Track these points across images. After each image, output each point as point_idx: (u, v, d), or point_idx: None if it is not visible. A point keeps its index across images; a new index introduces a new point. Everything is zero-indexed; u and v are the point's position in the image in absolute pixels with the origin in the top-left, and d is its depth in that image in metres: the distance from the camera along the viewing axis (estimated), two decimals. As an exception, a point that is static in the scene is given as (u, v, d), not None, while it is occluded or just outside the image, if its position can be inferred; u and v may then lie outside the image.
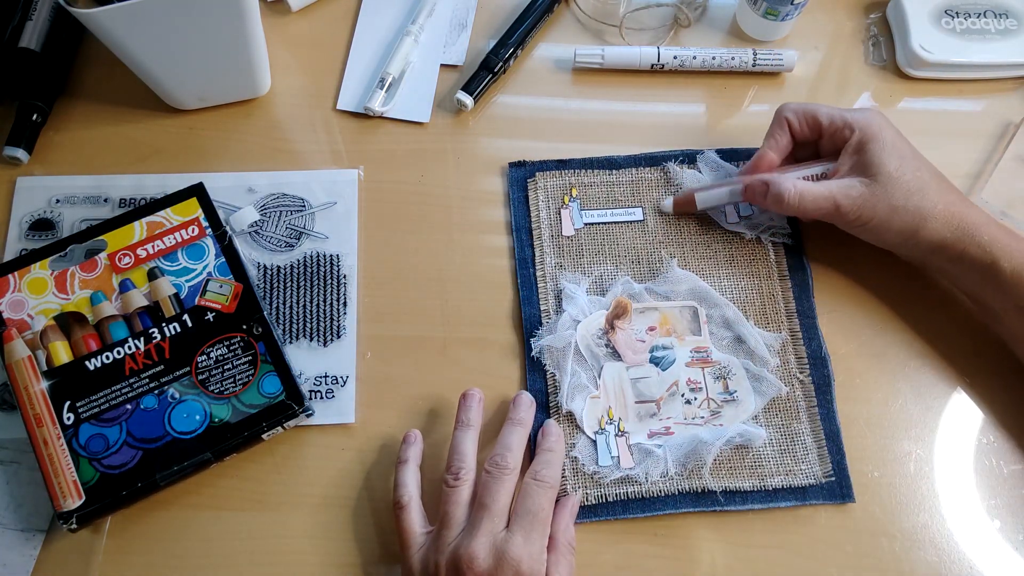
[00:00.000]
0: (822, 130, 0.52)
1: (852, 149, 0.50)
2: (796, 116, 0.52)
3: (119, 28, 0.50)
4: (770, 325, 0.53)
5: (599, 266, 0.55)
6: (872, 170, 0.49)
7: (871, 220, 0.49)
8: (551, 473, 0.46)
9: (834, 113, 0.51)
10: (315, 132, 0.60)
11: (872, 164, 0.49)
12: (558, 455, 0.48)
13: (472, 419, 0.48)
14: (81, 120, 0.60)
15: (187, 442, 0.48)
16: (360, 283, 0.55)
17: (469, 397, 0.49)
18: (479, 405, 0.49)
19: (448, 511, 0.45)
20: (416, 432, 0.50)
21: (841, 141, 0.51)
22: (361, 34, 0.63)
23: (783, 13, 0.60)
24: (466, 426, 0.48)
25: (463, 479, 0.46)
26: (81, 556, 0.48)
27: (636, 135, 0.59)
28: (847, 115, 0.51)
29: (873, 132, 0.49)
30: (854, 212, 0.49)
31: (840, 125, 0.51)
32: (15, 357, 0.49)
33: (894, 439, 0.51)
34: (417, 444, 0.49)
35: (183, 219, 0.54)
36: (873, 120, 0.50)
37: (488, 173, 0.58)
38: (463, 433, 0.48)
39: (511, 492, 0.45)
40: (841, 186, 0.49)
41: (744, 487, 0.49)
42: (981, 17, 0.61)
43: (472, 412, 0.49)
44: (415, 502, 0.47)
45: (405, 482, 0.47)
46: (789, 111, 0.53)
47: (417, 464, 0.49)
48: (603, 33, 0.64)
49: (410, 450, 0.49)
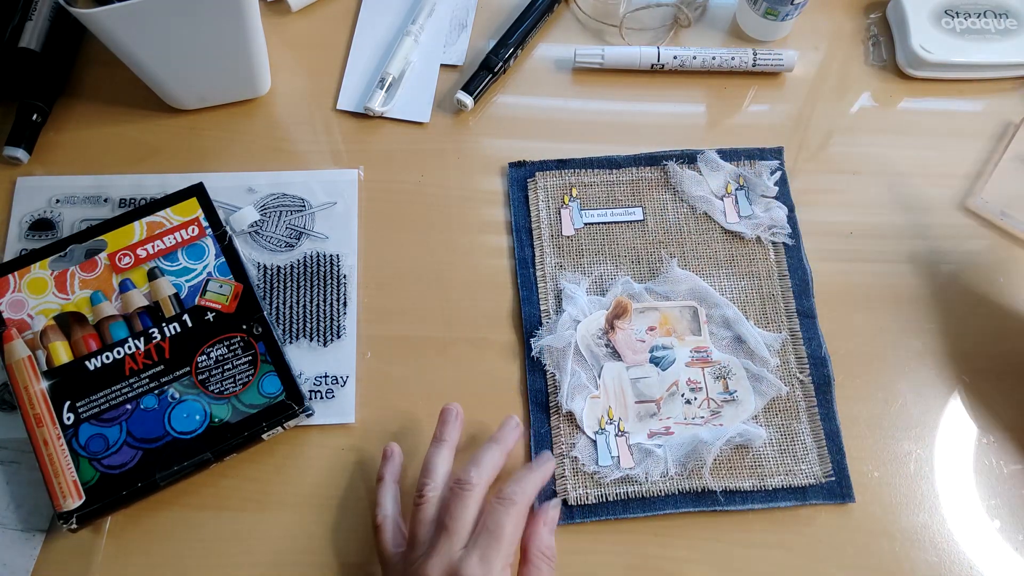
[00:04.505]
0: None
1: None
2: None
3: (119, 28, 0.50)
4: (770, 325, 0.53)
5: (599, 266, 0.55)
6: None
7: None
8: (517, 489, 0.44)
9: None
10: (315, 132, 0.60)
11: None
12: (535, 474, 0.46)
13: (447, 434, 0.47)
14: (81, 120, 0.60)
15: (187, 442, 0.48)
16: (360, 283, 0.55)
17: (446, 412, 0.48)
18: (457, 420, 0.48)
19: (414, 530, 0.43)
20: (394, 446, 0.49)
21: None
22: (361, 34, 0.63)
23: (783, 13, 0.60)
24: (439, 442, 0.47)
25: (428, 497, 0.44)
26: (81, 556, 0.48)
27: (636, 135, 0.59)
28: None
29: None
30: None
31: None
32: (15, 357, 0.49)
33: (894, 439, 0.51)
34: (395, 460, 0.48)
35: (183, 219, 0.54)
36: None
37: (488, 173, 0.58)
38: (435, 449, 0.46)
39: (474, 511, 0.43)
40: None
41: (744, 487, 0.49)
42: (981, 17, 0.61)
43: (448, 427, 0.47)
44: (390, 521, 0.46)
45: (381, 501, 0.46)
46: None
47: (395, 480, 0.48)
48: (603, 33, 0.64)
49: (387, 467, 0.48)
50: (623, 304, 0.53)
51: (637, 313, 0.53)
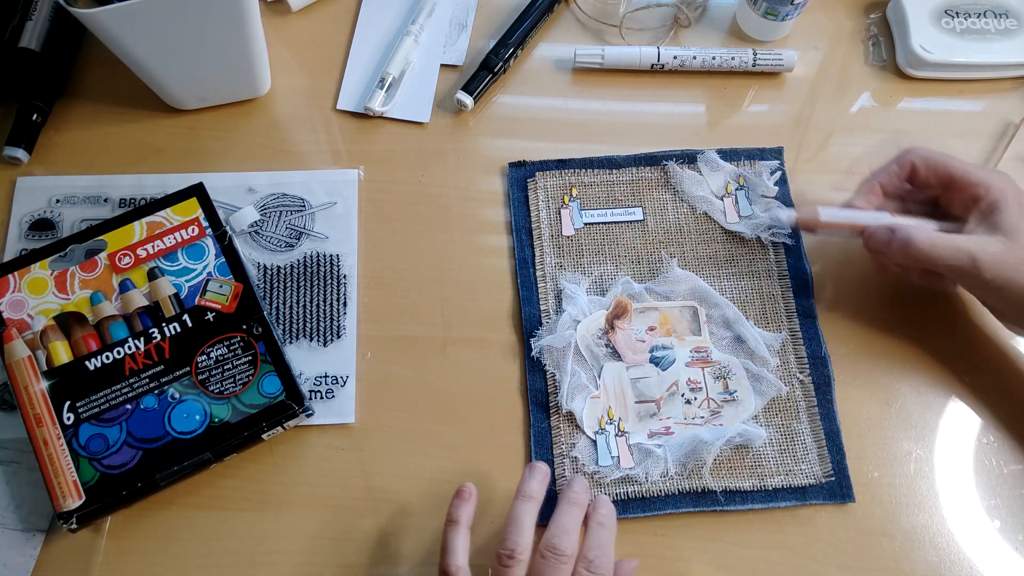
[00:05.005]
0: (951, 183, 0.49)
1: (984, 209, 0.47)
2: (924, 163, 0.50)
3: (119, 28, 0.50)
4: (770, 325, 0.53)
5: (599, 266, 0.55)
6: (1010, 233, 0.46)
7: (1010, 283, 0.46)
8: (601, 556, 0.42)
9: (968, 169, 0.48)
10: (315, 132, 0.60)
11: (1006, 227, 0.46)
12: (610, 531, 0.44)
13: (534, 491, 0.45)
14: (81, 120, 0.60)
15: (187, 442, 0.48)
16: (360, 283, 0.55)
17: (535, 469, 0.46)
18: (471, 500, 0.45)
19: None
20: (471, 488, 0.45)
21: (971, 199, 0.48)
22: (361, 34, 0.63)
23: (783, 13, 0.60)
24: (527, 498, 0.44)
25: (519, 559, 0.42)
26: (81, 556, 0.48)
27: (636, 135, 0.59)
28: (980, 174, 0.48)
29: (1007, 194, 0.47)
30: (991, 270, 0.46)
31: (973, 182, 0.48)
32: (15, 357, 0.49)
33: (894, 439, 0.51)
34: (471, 502, 0.45)
35: (183, 219, 0.54)
36: (1007, 182, 0.48)
37: (488, 173, 0.58)
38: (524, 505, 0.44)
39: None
40: (980, 241, 0.46)
41: (744, 487, 0.49)
42: (981, 17, 0.61)
43: (535, 483, 0.45)
44: (463, 573, 0.42)
45: (454, 548, 0.43)
46: (918, 157, 0.50)
47: (469, 526, 0.44)
48: (603, 33, 0.64)
49: (463, 509, 0.44)
50: (623, 304, 0.53)
51: (637, 313, 0.53)
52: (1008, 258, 0.46)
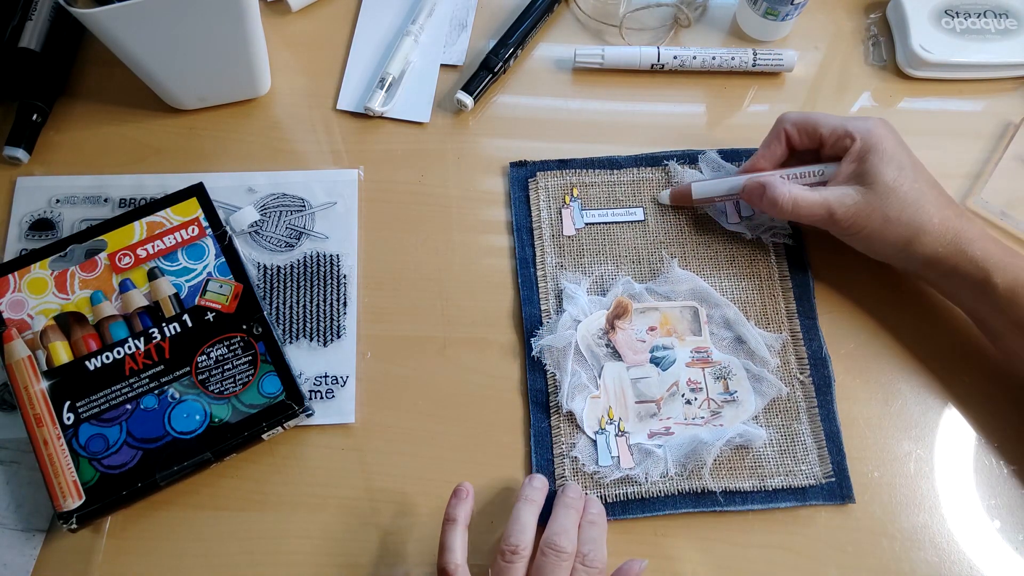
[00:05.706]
0: (823, 140, 0.51)
1: (852, 157, 0.49)
2: (795, 127, 0.52)
3: (119, 28, 0.50)
4: (770, 325, 0.53)
5: (600, 266, 0.55)
6: (869, 179, 0.48)
7: (864, 229, 0.49)
8: (596, 550, 0.44)
9: (835, 123, 0.50)
10: (315, 132, 0.60)
11: (870, 174, 0.48)
12: (600, 528, 0.46)
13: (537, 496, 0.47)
14: (81, 120, 0.60)
15: (187, 442, 0.48)
16: (360, 283, 0.55)
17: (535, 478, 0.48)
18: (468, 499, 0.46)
19: None
20: (468, 487, 0.46)
21: (842, 150, 0.50)
22: (361, 34, 0.63)
23: (783, 13, 0.60)
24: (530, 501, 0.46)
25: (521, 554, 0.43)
26: (81, 556, 0.48)
27: (636, 135, 0.59)
28: (849, 124, 0.50)
29: (874, 142, 0.49)
30: (847, 220, 0.48)
31: (841, 134, 0.50)
32: (15, 357, 0.49)
33: (894, 439, 0.51)
34: (468, 501, 0.46)
35: (183, 219, 0.54)
36: (875, 129, 0.49)
37: (488, 173, 0.58)
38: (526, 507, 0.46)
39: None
40: (836, 194, 0.49)
41: (744, 487, 0.49)
42: (981, 17, 0.61)
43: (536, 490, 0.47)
44: (463, 571, 0.43)
45: (452, 546, 0.44)
46: (788, 123, 0.52)
47: (466, 525, 0.45)
48: (603, 33, 0.64)
49: (460, 508, 0.45)
50: (624, 304, 0.53)
51: (638, 313, 0.53)
52: (863, 208, 0.48)
